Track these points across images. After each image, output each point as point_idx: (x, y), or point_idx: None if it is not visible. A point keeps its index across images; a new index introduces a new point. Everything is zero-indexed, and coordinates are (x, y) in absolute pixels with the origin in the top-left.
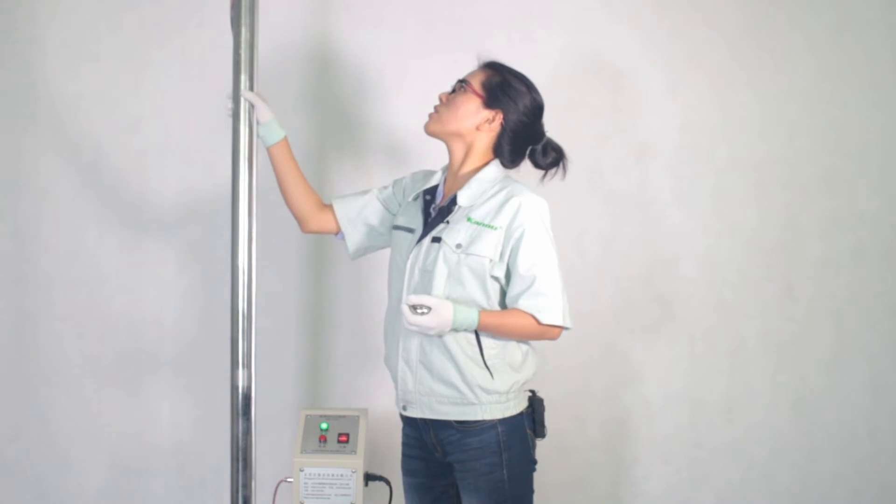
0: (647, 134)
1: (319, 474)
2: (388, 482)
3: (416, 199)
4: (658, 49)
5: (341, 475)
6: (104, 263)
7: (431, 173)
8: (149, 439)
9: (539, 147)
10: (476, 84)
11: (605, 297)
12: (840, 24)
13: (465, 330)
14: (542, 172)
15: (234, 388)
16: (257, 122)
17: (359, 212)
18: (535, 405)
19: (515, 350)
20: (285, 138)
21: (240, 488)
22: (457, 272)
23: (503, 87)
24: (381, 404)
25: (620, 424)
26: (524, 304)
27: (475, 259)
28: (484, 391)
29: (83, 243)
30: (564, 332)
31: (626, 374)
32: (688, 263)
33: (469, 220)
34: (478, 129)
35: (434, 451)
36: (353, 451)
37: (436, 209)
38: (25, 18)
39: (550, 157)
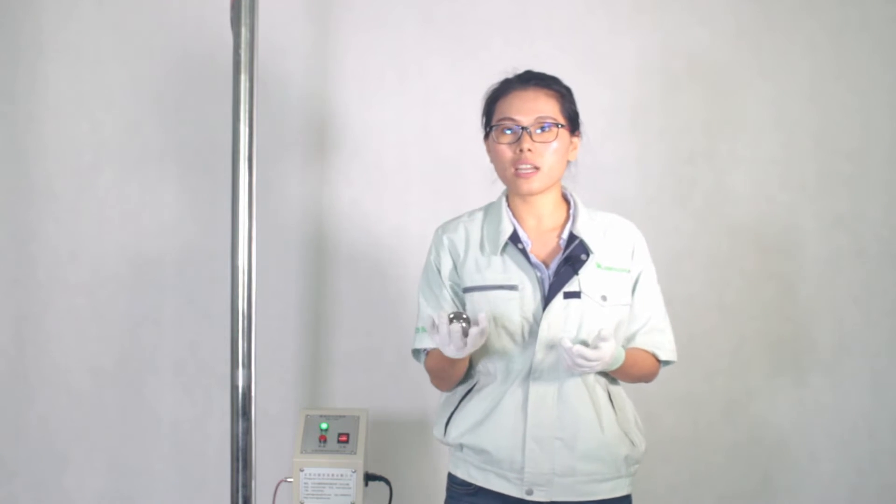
0: (646, 134)
1: (319, 474)
2: (388, 482)
3: (503, 251)
4: (658, 49)
5: (341, 475)
6: (104, 263)
7: (471, 219)
8: (149, 439)
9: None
10: (561, 118)
11: None
12: (840, 24)
13: (613, 368)
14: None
15: (234, 388)
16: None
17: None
18: None
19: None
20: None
21: (240, 488)
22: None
23: (576, 107)
24: (381, 404)
25: None
26: (642, 341)
27: (620, 309)
28: (629, 462)
29: (83, 243)
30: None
31: None
32: (688, 263)
33: (599, 266)
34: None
35: None
36: (353, 451)
37: (538, 261)
38: (26, 18)
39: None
